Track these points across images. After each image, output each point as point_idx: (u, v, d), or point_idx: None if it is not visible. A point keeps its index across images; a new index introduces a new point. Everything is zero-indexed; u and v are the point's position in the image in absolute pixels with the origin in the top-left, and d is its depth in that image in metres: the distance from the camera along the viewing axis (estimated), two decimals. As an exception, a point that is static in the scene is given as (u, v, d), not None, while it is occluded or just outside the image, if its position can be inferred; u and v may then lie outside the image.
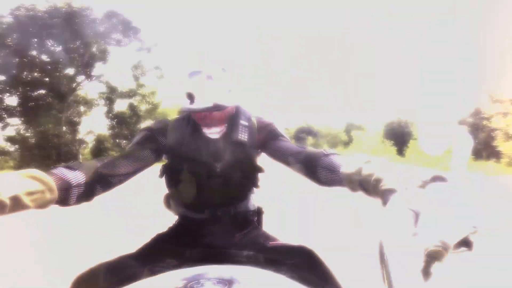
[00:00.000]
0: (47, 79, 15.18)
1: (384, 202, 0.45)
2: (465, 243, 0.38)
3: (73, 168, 0.65)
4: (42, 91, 15.45)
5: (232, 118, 0.87)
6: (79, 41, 14.85)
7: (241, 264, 0.66)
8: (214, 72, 0.83)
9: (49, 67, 15.20)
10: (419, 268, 0.28)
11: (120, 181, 0.76)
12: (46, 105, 15.02)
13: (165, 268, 0.62)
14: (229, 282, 0.45)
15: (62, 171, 0.63)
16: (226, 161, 0.83)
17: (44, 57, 15.19)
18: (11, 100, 14.99)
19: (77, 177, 0.64)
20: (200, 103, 0.80)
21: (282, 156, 0.84)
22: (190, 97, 0.83)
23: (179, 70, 0.90)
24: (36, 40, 14.42)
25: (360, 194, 0.60)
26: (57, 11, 13.82)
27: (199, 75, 0.82)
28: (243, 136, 0.84)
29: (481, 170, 8.58)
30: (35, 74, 15.19)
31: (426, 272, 0.36)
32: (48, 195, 0.56)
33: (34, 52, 14.95)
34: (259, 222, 1.02)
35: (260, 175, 0.92)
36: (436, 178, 0.44)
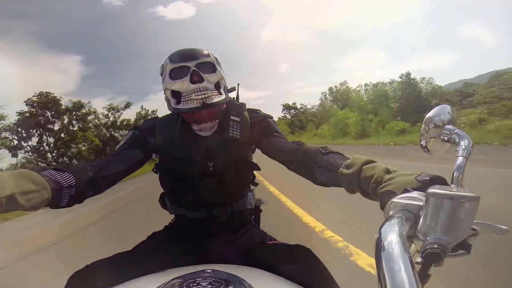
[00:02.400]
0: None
1: (383, 204, 0.44)
2: (464, 246, 0.37)
3: (62, 171, 0.65)
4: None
5: (223, 114, 0.83)
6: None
7: (238, 264, 0.66)
8: (200, 66, 0.76)
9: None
10: (416, 270, 0.27)
11: (110, 183, 0.75)
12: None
13: (161, 267, 0.62)
14: (226, 282, 0.45)
15: (52, 173, 0.63)
16: (219, 159, 0.80)
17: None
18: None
19: (67, 179, 0.64)
20: (188, 102, 0.75)
21: (277, 153, 0.80)
22: (176, 95, 0.78)
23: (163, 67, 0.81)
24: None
25: (358, 195, 0.60)
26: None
27: (184, 71, 0.76)
28: (235, 133, 0.81)
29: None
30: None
31: (423, 275, 0.35)
32: (42, 196, 0.56)
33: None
34: (257, 220, 1.01)
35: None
36: (435, 180, 0.43)
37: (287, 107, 39.74)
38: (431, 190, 0.35)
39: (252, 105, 0.91)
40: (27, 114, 19.69)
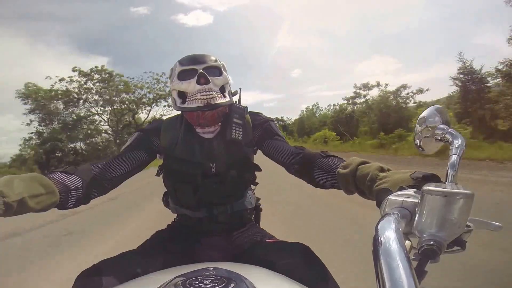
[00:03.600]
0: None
1: (379, 202, 0.45)
2: (459, 242, 0.38)
3: (69, 173, 0.67)
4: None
5: (225, 117, 0.86)
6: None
7: (239, 262, 0.67)
8: (207, 70, 0.80)
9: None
10: (413, 267, 0.28)
11: (115, 184, 0.77)
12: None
13: (164, 265, 0.63)
14: (227, 279, 0.45)
15: (59, 175, 0.65)
16: (221, 161, 0.82)
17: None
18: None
19: (74, 181, 0.66)
20: (193, 102, 0.78)
21: (278, 156, 0.83)
22: (182, 96, 0.81)
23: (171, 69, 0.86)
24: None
25: (356, 195, 0.61)
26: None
27: (191, 73, 0.80)
28: (237, 135, 0.83)
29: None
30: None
31: (420, 271, 0.36)
32: (50, 199, 0.58)
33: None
34: (257, 219, 1.02)
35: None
36: (429, 177, 0.44)
37: (276, 120, 55.44)
38: (426, 187, 0.36)
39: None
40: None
